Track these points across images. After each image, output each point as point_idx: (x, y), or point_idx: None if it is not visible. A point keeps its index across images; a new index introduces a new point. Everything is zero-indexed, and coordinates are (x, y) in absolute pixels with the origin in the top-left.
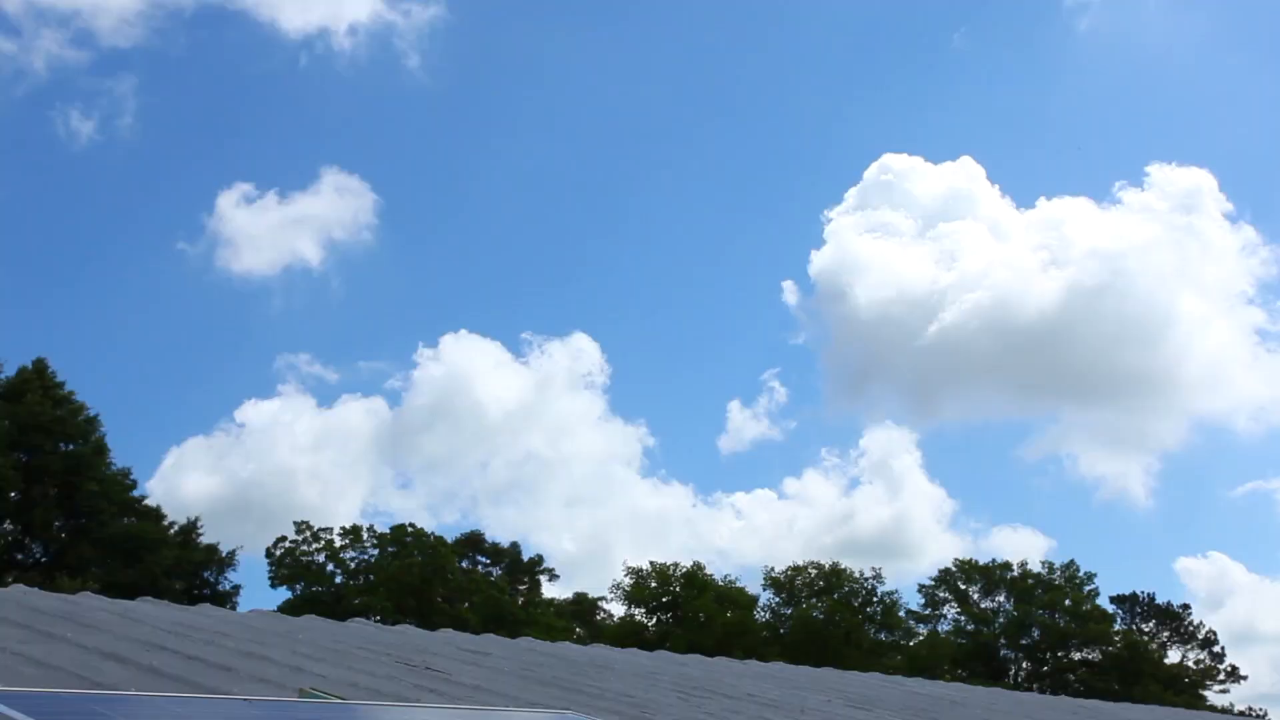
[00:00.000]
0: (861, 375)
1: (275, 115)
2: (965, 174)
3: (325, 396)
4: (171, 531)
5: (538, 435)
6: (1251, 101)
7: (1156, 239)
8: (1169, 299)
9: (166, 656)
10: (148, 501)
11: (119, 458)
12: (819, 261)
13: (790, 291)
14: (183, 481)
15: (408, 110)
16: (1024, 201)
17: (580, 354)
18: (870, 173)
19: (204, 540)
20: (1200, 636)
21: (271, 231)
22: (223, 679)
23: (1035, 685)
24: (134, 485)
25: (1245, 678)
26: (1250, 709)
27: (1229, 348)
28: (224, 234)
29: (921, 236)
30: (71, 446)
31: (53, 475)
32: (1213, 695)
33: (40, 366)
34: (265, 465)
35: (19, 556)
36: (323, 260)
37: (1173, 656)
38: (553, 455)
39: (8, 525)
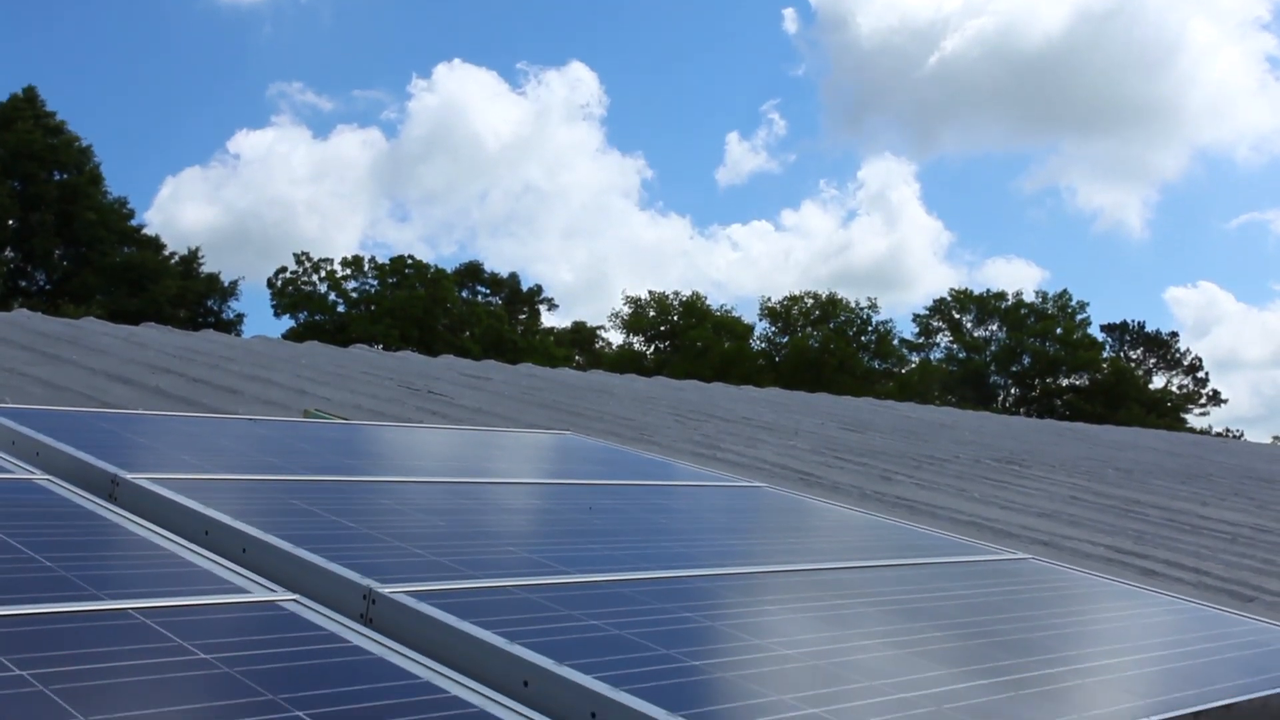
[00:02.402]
0: (861, 106)
1: None
2: None
3: (320, 127)
4: (172, 261)
5: (535, 167)
6: None
7: None
8: (1179, 25)
9: (172, 379)
10: (146, 231)
11: (114, 187)
12: None
13: (790, 20)
14: (180, 212)
15: None
16: None
17: (578, 84)
18: None
19: (205, 270)
20: (1185, 363)
21: None
22: (228, 400)
23: (1022, 410)
24: (131, 215)
25: (1226, 401)
26: (1228, 430)
27: (1236, 76)
28: None
29: None
30: (66, 175)
31: (49, 204)
32: (1193, 418)
33: (30, 94)
34: (263, 196)
35: (22, 284)
36: None
37: (1158, 382)
38: (550, 187)
39: (9, 253)
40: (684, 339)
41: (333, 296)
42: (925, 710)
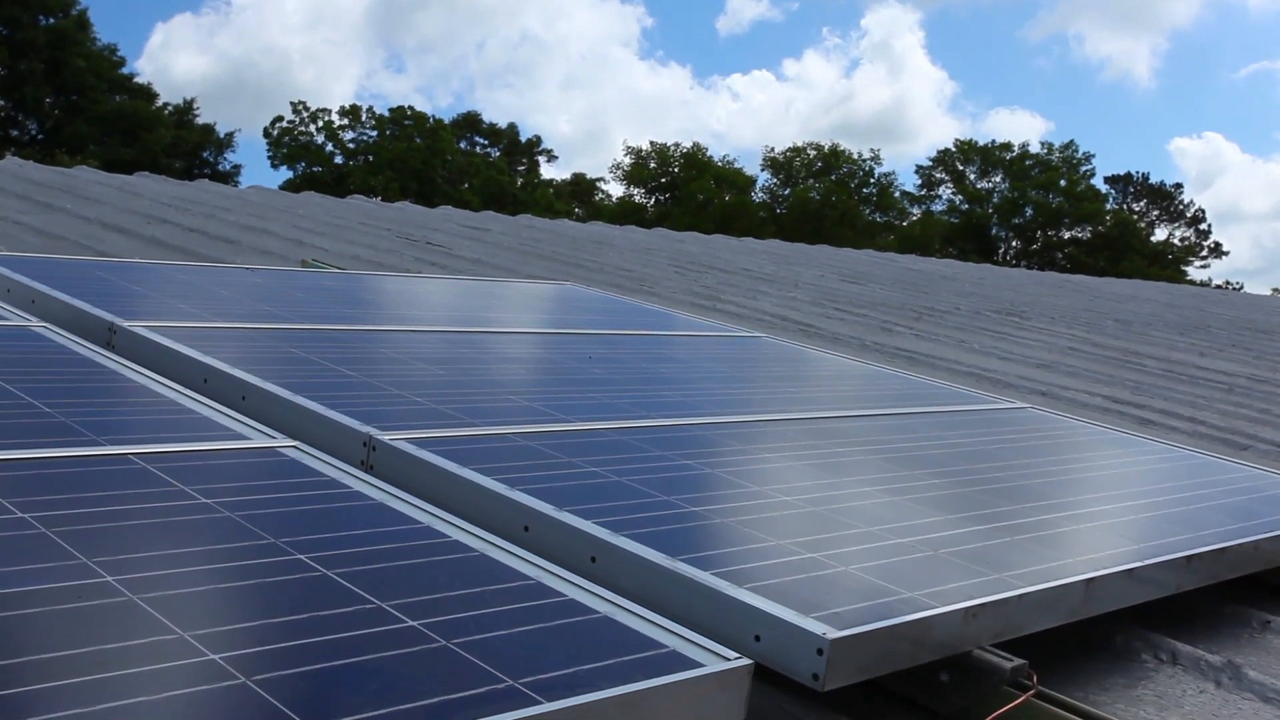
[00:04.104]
0: None
1: None
2: None
3: None
4: (166, 112)
5: (532, 16)
6: None
7: None
8: None
9: (168, 229)
10: (138, 80)
11: (103, 34)
12: None
13: None
14: (173, 61)
15: None
16: None
17: None
18: None
19: (200, 120)
20: (1188, 215)
21: None
22: (225, 251)
23: (1023, 263)
24: (122, 63)
25: (1227, 253)
26: (1227, 282)
27: None
28: None
29: None
30: (52, 20)
31: (37, 50)
32: (1193, 271)
33: None
34: (256, 45)
35: (14, 133)
36: None
37: (1160, 234)
38: (549, 36)
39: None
40: (685, 191)
41: (330, 147)
42: (922, 555)
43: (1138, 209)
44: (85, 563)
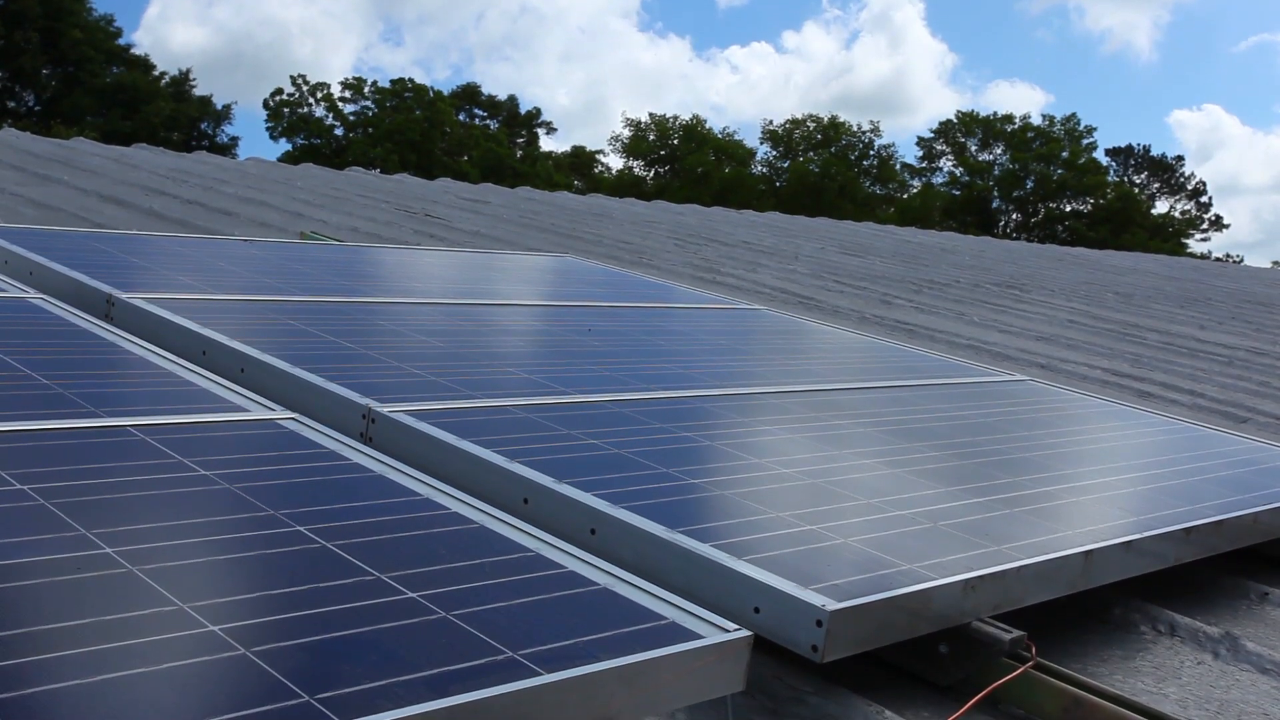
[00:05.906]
0: None
1: None
2: None
3: None
4: (163, 83)
5: None
6: None
7: None
8: None
9: (166, 201)
10: (135, 52)
11: (99, 4)
12: None
13: None
14: (170, 33)
15: None
16: None
17: None
18: None
19: (197, 93)
20: (1189, 188)
21: None
22: (223, 223)
23: (1024, 235)
24: (119, 34)
25: (1228, 226)
26: (1228, 255)
27: None
28: None
29: None
30: None
31: (33, 20)
32: (1194, 244)
33: None
34: (254, 17)
35: (10, 104)
36: None
37: (1161, 207)
38: (548, 8)
39: None
40: (684, 164)
41: (330, 120)
42: (921, 527)
43: (1138, 182)
44: (84, 534)
